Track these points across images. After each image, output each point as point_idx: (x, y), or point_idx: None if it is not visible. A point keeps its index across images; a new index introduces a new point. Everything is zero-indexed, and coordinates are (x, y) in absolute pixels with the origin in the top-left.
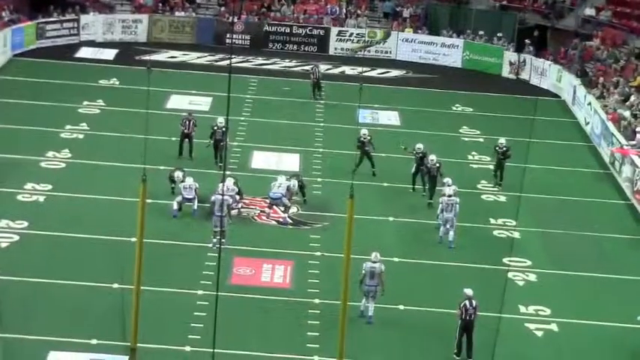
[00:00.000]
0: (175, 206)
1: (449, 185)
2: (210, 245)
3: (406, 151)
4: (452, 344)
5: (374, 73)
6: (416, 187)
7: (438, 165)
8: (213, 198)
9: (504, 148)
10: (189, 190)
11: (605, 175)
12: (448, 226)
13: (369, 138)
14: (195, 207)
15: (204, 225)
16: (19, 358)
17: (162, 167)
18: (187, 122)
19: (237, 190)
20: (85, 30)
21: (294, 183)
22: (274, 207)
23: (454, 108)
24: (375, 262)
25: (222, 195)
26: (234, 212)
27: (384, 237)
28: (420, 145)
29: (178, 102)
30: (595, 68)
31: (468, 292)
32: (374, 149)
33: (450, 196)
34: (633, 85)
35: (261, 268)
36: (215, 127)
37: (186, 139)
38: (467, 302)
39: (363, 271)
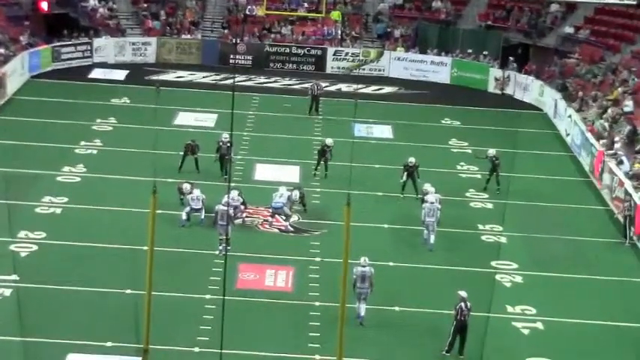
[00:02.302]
0: (184, 216)
1: (431, 193)
2: (217, 252)
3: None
4: (444, 342)
5: (368, 90)
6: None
7: (416, 165)
8: (216, 208)
9: (493, 158)
10: (196, 201)
11: (585, 183)
12: (430, 230)
13: (331, 148)
14: (203, 217)
15: (211, 234)
16: None
17: (171, 180)
18: (191, 147)
19: (241, 200)
20: (97, 52)
21: (295, 193)
22: (276, 216)
23: (443, 122)
24: (364, 267)
25: (228, 206)
26: (238, 221)
27: (380, 243)
28: (492, 151)
29: (185, 119)
30: (575, 83)
31: (463, 294)
32: (331, 157)
33: (432, 202)
34: (610, 98)
35: (265, 273)
36: (220, 143)
37: (192, 156)
38: (462, 304)
39: (354, 276)
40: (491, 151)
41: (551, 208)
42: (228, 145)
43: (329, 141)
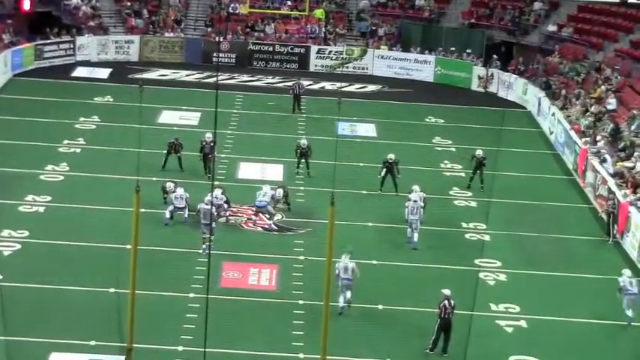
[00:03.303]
0: (167, 215)
1: (415, 192)
2: (200, 251)
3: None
4: (428, 340)
5: (352, 88)
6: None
7: (395, 161)
8: (199, 207)
9: (482, 158)
10: (180, 199)
11: (569, 181)
12: (413, 228)
13: (307, 147)
14: (186, 215)
15: (195, 233)
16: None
17: (154, 178)
18: (174, 145)
19: (225, 199)
20: (80, 51)
21: (279, 192)
22: (260, 214)
23: (427, 120)
24: (345, 259)
25: (211, 205)
26: (222, 220)
27: (364, 241)
28: (479, 152)
29: (169, 117)
30: (558, 81)
31: (446, 292)
32: (311, 154)
33: (415, 200)
34: (593, 96)
35: (249, 271)
36: (204, 142)
37: (175, 155)
38: (446, 302)
39: (337, 270)
40: (479, 152)
41: (535, 206)
42: (212, 144)
43: (303, 142)
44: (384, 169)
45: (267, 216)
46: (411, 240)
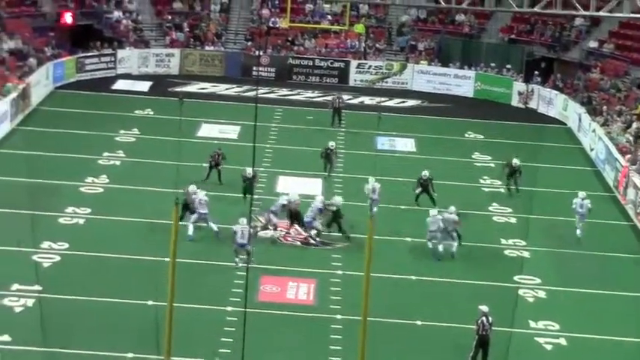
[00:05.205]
0: (191, 230)
1: (451, 212)
2: (234, 265)
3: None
4: (466, 356)
5: (391, 103)
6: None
7: (430, 178)
8: (234, 228)
9: (517, 166)
10: (203, 205)
11: (610, 198)
12: (445, 240)
13: (333, 148)
14: (216, 229)
15: (231, 246)
16: None
17: None
18: (217, 156)
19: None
20: (121, 64)
21: (327, 203)
22: (297, 227)
23: (466, 135)
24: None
25: (249, 228)
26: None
27: (402, 256)
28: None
29: (208, 130)
30: (599, 97)
31: (484, 308)
32: (336, 158)
33: (434, 215)
34: (635, 113)
35: (287, 285)
36: (245, 177)
37: (216, 168)
38: (483, 318)
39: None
40: (516, 161)
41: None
42: (252, 179)
43: (331, 144)
44: (420, 187)
45: (314, 232)
46: (440, 252)
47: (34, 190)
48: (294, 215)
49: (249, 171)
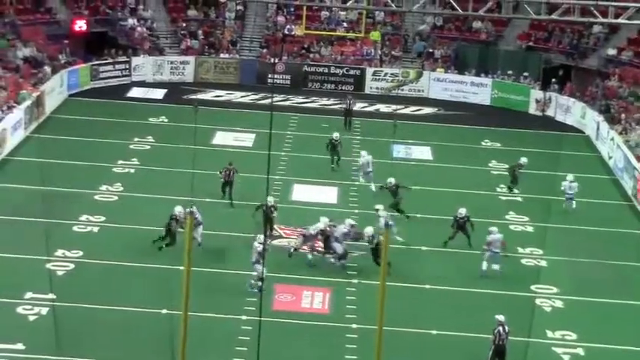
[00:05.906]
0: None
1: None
2: (247, 285)
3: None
4: None
5: (407, 111)
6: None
7: (467, 216)
8: (255, 245)
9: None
10: (199, 213)
11: (628, 207)
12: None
13: (339, 140)
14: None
15: (247, 253)
16: None
17: (208, 200)
18: (227, 172)
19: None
20: (135, 71)
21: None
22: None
23: (483, 143)
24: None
25: (264, 249)
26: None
27: (419, 265)
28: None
29: (223, 138)
30: (617, 105)
31: (501, 318)
32: (342, 149)
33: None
34: None
35: (302, 294)
36: (264, 207)
37: (228, 185)
38: (500, 328)
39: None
40: (524, 159)
41: (593, 231)
42: (272, 209)
43: (335, 135)
44: (456, 227)
45: (338, 254)
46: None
47: (48, 198)
48: (327, 238)
49: (269, 199)
